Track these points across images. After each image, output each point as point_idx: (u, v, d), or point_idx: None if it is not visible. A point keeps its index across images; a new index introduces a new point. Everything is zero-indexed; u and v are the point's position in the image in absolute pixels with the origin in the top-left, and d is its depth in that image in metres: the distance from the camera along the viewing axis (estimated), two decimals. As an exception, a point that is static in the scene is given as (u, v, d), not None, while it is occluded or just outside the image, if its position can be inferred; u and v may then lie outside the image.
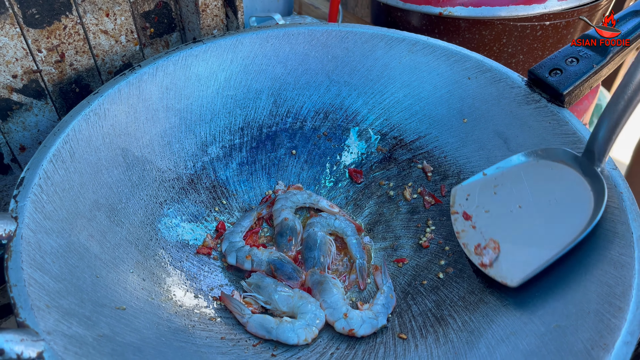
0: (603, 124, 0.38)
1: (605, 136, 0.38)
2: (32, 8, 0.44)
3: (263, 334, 0.41)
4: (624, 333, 0.30)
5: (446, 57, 0.51)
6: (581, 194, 0.39)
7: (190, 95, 0.50)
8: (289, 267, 0.46)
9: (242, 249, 0.47)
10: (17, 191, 0.35)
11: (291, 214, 0.50)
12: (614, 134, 0.38)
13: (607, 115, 0.38)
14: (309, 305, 0.42)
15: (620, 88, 0.37)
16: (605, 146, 0.39)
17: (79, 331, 0.31)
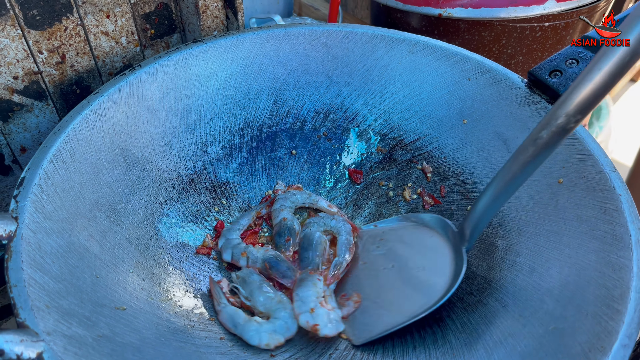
0: (475, 211, 0.39)
1: (474, 223, 0.39)
2: (33, 9, 0.44)
3: (230, 327, 0.41)
4: (621, 336, 0.30)
5: (446, 57, 0.51)
6: (443, 268, 0.42)
7: (190, 95, 0.51)
8: (284, 266, 0.46)
9: (238, 246, 0.47)
10: (18, 191, 0.36)
11: (290, 214, 0.50)
12: (482, 223, 0.39)
13: (479, 205, 0.39)
14: (282, 312, 0.42)
15: (494, 185, 0.37)
16: (473, 231, 0.40)
17: (78, 331, 0.31)
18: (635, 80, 1.68)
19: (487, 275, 0.42)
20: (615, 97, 1.59)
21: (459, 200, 0.49)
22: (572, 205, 0.39)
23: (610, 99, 1.12)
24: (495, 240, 0.44)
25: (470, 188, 0.48)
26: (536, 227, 0.41)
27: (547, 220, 0.41)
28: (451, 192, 0.50)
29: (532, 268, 0.39)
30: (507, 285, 0.40)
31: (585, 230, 0.37)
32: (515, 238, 0.42)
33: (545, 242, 0.40)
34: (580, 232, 0.38)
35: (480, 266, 0.43)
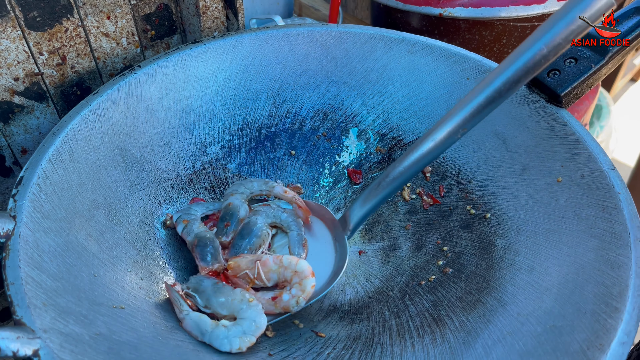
0: (359, 202, 0.45)
1: (358, 215, 0.45)
2: (33, 11, 0.45)
3: (197, 335, 0.39)
4: (620, 333, 0.30)
5: (445, 57, 0.51)
6: (328, 257, 0.46)
7: (189, 96, 0.51)
8: (208, 250, 0.43)
9: (188, 214, 0.46)
10: (16, 190, 0.36)
11: (239, 199, 0.48)
12: (366, 215, 0.45)
13: (365, 198, 0.45)
14: (249, 311, 0.39)
15: (381, 179, 0.43)
16: (357, 222, 0.46)
17: (75, 329, 0.31)
18: (635, 79, 1.67)
19: (486, 274, 0.42)
20: (616, 97, 1.58)
21: (458, 199, 0.49)
22: (571, 204, 0.39)
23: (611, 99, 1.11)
24: (494, 239, 0.44)
25: (469, 187, 0.48)
26: (535, 225, 0.41)
27: (546, 219, 0.40)
28: (450, 192, 0.50)
29: (531, 267, 0.39)
30: (506, 284, 0.40)
31: (584, 229, 0.37)
32: (514, 237, 0.42)
33: (544, 241, 0.39)
34: (579, 231, 0.37)
35: (479, 265, 0.43)
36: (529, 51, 0.37)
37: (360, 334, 0.42)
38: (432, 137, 0.40)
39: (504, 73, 0.38)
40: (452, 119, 0.40)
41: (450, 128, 0.40)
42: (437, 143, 0.40)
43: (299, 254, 0.46)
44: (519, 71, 0.37)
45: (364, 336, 0.41)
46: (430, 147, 0.40)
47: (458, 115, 0.39)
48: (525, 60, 0.37)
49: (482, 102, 0.39)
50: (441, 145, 0.40)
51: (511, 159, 0.45)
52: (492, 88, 0.38)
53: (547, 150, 0.43)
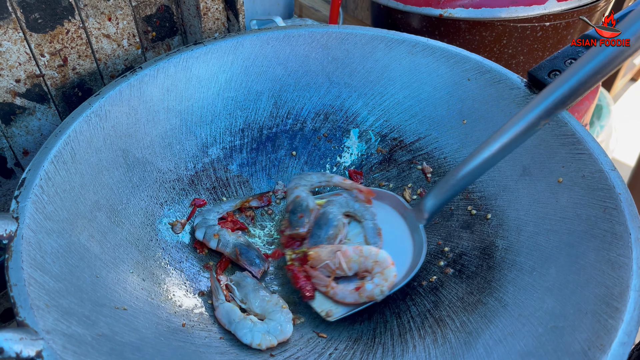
0: (435, 193, 0.44)
1: (433, 204, 0.45)
2: (35, 13, 0.45)
3: (225, 323, 0.41)
4: (620, 334, 0.30)
5: (446, 58, 0.51)
6: (405, 245, 0.46)
7: (191, 97, 0.51)
8: (253, 254, 0.46)
9: (212, 227, 0.47)
10: (19, 192, 0.36)
11: (304, 192, 0.49)
12: (442, 204, 0.45)
13: (441, 187, 0.44)
14: (279, 314, 0.42)
15: (456, 171, 0.43)
16: (432, 212, 0.45)
17: (78, 330, 0.32)
18: (635, 79, 1.67)
19: (487, 275, 0.42)
20: (616, 97, 1.58)
21: (459, 200, 0.49)
22: (572, 205, 0.39)
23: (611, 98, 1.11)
24: (495, 240, 0.44)
25: (470, 188, 0.48)
26: (536, 226, 0.41)
27: (547, 220, 0.40)
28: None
29: (532, 267, 0.39)
30: (507, 285, 0.40)
31: (585, 229, 0.37)
32: (515, 238, 0.42)
33: (545, 241, 0.40)
34: (580, 231, 0.38)
35: (480, 266, 0.43)
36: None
37: (362, 335, 0.42)
38: (512, 128, 0.39)
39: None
40: (534, 109, 0.39)
41: (532, 118, 0.39)
42: (519, 133, 0.39)
43: (376, 243, 0.47)
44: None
45: (365, 337, 0.41)
46: (509, 138, 0.40)
47: (541, 105, 0.38)
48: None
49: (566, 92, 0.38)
50: (522, 136, 0.40)
51: (512, 160, 0.45)
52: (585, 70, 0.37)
53: (547, 151, 0.43)
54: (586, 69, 0.37)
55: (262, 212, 0.53)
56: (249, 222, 0.52)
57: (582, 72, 0.37)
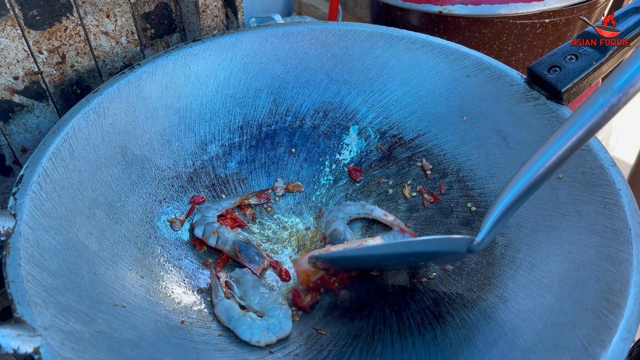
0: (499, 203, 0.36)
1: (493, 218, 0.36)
2: (33, 10, 0.45)
3: (224, 320, 0.41)
4: (621, 329, 0.30)
5: (445, 55, 0.51)
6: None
7: (189, 94, 0.51)
8: (253, 251, 0.46)
9: (211, 224, 0.47)
10: (16, 189, 0.36)
11: (342, 224, 0.49)
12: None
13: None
14: (278, 311, 0.41)
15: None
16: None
17: (76, 327, 0.31)
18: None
19: (487, 272, 0.42)
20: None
21: (459, 197, 0.49)
22: (572, 201, 0.39)
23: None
24: (495, 237, 0.44)
25: (470, 185, 0.48)
26: (536, 222, 0.41)
27: (547, 216, 0.40)
28: (451, 189, 0.50)
29: (532, 264, 0.39)
30: (507, 281, 0.40)
31: (585, 225, 0.37)
32: (514, 234, 0.42)
33: (545, 238, 0.39)
34: (580, 227, 0.37)
35: (480, 262, 0.43)
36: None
37: (361, 332, 0.42)
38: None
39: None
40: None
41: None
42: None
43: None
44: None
45: (364, 333, 0.41)
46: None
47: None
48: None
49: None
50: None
51: (512, 156, 0.45)
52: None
53: (547, 147, 0.43)
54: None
55: (261, 210, 0.53)
56: (249, 220, 0.52)
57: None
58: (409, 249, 0.38)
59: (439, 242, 0.38)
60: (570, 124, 0.33)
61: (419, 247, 0.37)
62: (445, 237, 0.38)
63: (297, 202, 0.54)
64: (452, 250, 0.37)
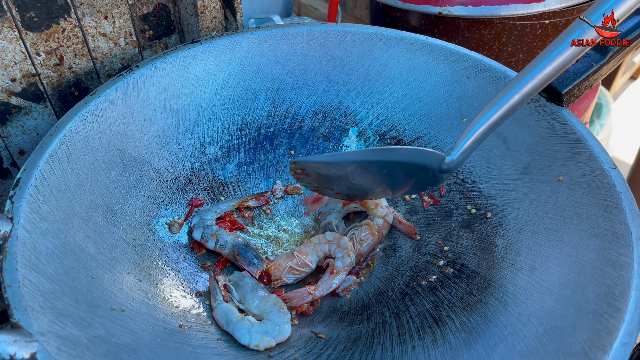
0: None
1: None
2: (30, 11, 0.45)
3: (222, 324, 0.41)
4: (622, 334, 0.30)
5: (445, 56, 0.51)
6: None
7: (188, 96, 0.50)
8: (252, 254, 0.46)
9: (210, 227, 0.47)
10: (13, 192, 0.36)
11: (337, 218, 0.49)
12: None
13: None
14: (277, 315, 0.41)
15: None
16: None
17: (73, 332, 0.31)
18: (635, 77, 1.67)
19: (487, 275, 0.41)
20: (616, 95, 1.58)
21: (459, 199, 0.48)
22: (572, 203, 0.39)
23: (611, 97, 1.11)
24: (495, 239, 0.43)
25: (469, 187, 0.48)
26: (536, 225, 0.41)
27: (547, 219, 0.40)
28: (450, 191, 0.49)
29: (532, 267, 0.39)
30: (507, 284, 0.39)
31: (586, 228, 0.37)
32: (515, 237, 0.42)
33: (545, 241, 0.39)
34: (581, 230, 0.37)
35: (480, 265, 0.43)
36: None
37: (361, 335, 0.41)
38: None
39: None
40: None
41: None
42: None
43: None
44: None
45: (364, 337, 0.41)
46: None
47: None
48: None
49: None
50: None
51: (512, 158, 0.45)
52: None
53: (547, 149, 0.42)
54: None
55: (260, 212, 0.53)
56: (248, 222, 0.51)
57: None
58: (380, 157, 0.38)
59: (410, 152, 0.38)
60: (551, 49, 0.36)
61: (389, 156, 0.38)
62: (417, 148, 0.38)
63: (296, 204, 0.54)
64: (423, 162, 0.38)
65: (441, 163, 0.38)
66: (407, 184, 0.42)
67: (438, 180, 0.40)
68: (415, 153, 0.38)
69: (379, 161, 0.38)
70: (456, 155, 0.38)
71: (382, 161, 0.38)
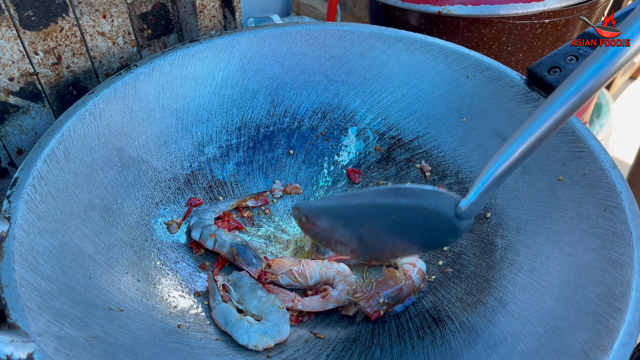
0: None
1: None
2: (28, 10, 0.44)
3: (221, 324, 0.41)
4: (622, 334, 0.30)
5: (444, 55, 0.51)
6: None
7: (186, 95, 0.50)
8: (250, 254, 0.46)
9: (208, 227, 0.47)
10: (11, 191, 0.35)
11: None
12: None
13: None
14: (276, 314, 0.41)
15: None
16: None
17: (70, 332, 0.31)
18: (635, 77, 1.67)
19: (487, 275, 0.41)
20: (615, 95, 1.58)
21: (458, 199, 0.48)
22: (572, 203, 0.39)
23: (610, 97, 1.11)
24: (494, 239, 0.43)
25: (469, 187, 0.48)
26: (536, 225, 0.41)
27: (547, 219, 0.40)
28: (450, 191, 0.49)
29: (532, 267, 0.39)
30: (507, 284, 0.39)
31: (586, 228, 0.37)
32: (514, 237, 0.42)
33: (545, 241, 0.39)
34: (581, 230, 0.37)
35: (480, 265, 0.43)
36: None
37: (360, 335, 0.41)
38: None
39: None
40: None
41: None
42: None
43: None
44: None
45: (363, 337, 0.41)
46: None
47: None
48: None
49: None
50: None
51: (511, 158, 0.45)
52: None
53: (547, 149, 0.42)
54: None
55: (259, 212, 0.52)
56: (246, 222, 0.51)
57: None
58: (386, 200, 0.33)
59: (421, 192, 0.33)
60: (569, 84, 0.31)
61: (398, 198, 0.33)
62: (429, 188, 0.33)
63: (295, 204, 0.53)
64: (435, 207, 0.33)
65: (456, 207, 0.33)
66: (421, 234, 0.36)
67: (458, 229, 0.34)
68: (428, 194, 0.33)
69: (385, 204, 0.33)
70: (472, 198, 0.32)
71: (388, 204, 0.33)
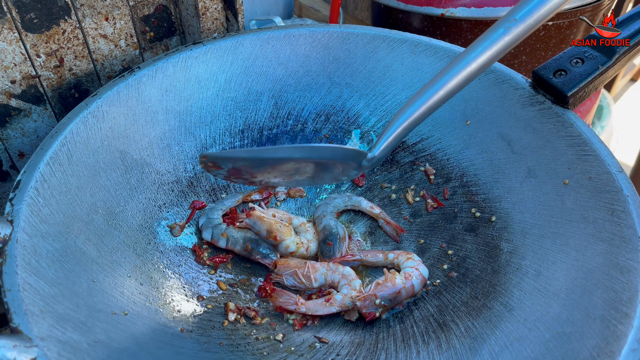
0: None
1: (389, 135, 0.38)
2: (30, 13, 0.44)
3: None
4: (630, 340, 0.29)
5: (449, 58, 0.50)
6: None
7: (190, 97, 0.50)
8: (263, 247, 0.47)
9: (218, 226, 0.47)
10: (14, 194, 0.35)
11: (333, 219, 0.49)
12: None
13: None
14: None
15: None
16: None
17: (73, 337, 0.31)
18: (635, 79, 1.67)
19: (492, 279, 0.41)
20: (616, 97, 1.58)
21: (463, 202, 0.48)
22: (578, 207, 0.39)
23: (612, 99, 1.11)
24: (500, 243, 0.43)
25: (474, 190, 0.48)
26: (542, 229, 0.40)
27: (553, 223, 0.40)
28: (454, 194, 0.49)
29: (538, 271, 0.38)
30: (513, 289, 0.39)
31: (592, 232, 0.37)
32: (520, 241, 0.41)
33: (551, 245, 0.39)
34: (587, 234, 0.37)
35: (485, 269, 0.42)
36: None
37: (364, 340, 0.41)
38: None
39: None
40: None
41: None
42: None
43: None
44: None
45: (368, 342, 0.41)
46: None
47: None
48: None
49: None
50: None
51: (516, 161, 0.45)
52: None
53: (553, 152, 0.42)
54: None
55: (262, 211, 0.52)
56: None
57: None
58: (301, 154, 0.37)
59: (333, 150, 0.38)
60: (472, 49, 0.36)
61: (312, 154, 0.37)
62: (339, 146, 0.38)
63: (299, 207, 0.53)
64: (346, 160, 0.38)
65: (362, 159, 0.38)
66: (328, 174, 0.40)
67: (358, 172, 0.40)
68: (339, 151, 0.38)
69: (299, 158, 0.37)
70: (377, 152, 0.38)
71: (303, 158, 0.37)
